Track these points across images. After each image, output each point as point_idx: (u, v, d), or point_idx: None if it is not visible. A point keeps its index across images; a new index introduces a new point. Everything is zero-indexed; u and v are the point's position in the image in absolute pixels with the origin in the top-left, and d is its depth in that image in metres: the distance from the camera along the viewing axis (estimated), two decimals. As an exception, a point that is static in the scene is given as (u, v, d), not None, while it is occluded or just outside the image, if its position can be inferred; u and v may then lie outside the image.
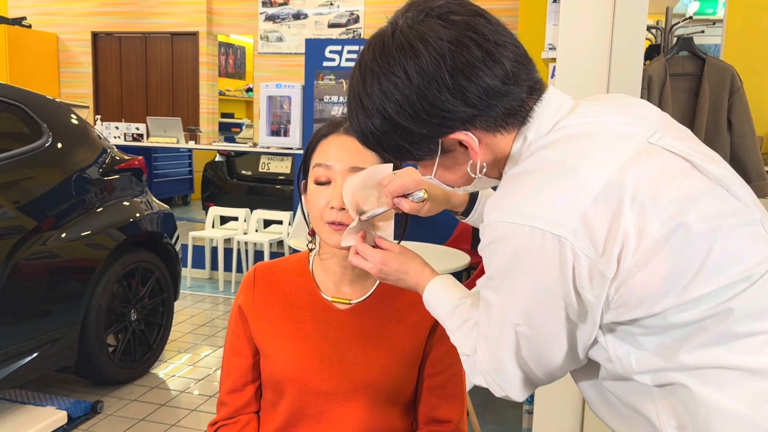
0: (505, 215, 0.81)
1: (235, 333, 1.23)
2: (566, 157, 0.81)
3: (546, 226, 0.77)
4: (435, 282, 1.04)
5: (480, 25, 0.83)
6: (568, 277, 0.78)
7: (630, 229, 0.77)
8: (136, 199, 3.33)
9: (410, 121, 0.85)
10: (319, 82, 4.82)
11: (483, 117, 0.84)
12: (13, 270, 2.55)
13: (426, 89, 0.82)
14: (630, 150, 0.82)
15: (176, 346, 3.89)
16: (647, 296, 0.78)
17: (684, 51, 2.65)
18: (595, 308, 0.81)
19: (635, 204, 0.77)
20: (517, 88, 0.85)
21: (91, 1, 8.95)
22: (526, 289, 0.82)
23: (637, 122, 0.87)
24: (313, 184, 1.13)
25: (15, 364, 2.61)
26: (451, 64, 0.81)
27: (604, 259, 0.77)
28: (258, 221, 5.38)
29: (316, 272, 1.23)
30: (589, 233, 0.77)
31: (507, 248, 0.81)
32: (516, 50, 0.85)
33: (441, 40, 0.82)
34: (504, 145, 0.88)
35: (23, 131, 2.83)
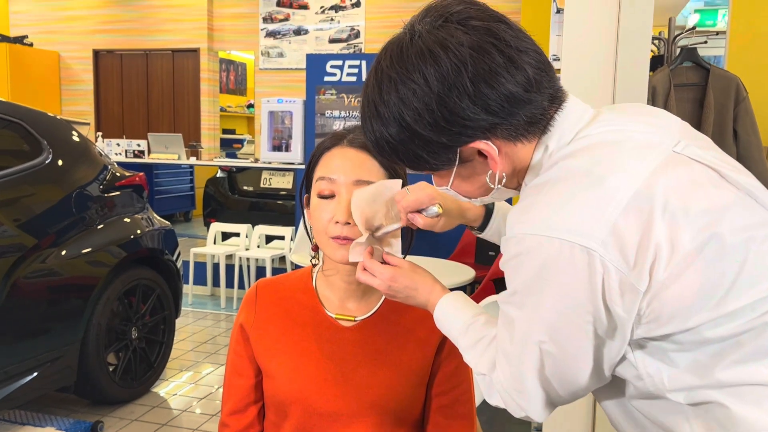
0: (530, 227, 0.79)
1: (236, 352, 1.20)
2: (592, 166, 0.79)
3: (574, 238, 0.75)
4: (446, 299, 1.00)
5: (501, 30, 0.81)
6: (597, 292, 0.76)
7: (662, 240, 0.74)
8: (137, 216, 3.30)
9: (429, 130, 0.82)
10: (320, 96, 4.81)
11: (504, 125, 0.82)
12: (12, 288, 2.52)
13: (446, 96, 0.80)
14: (657, 159, 0.80)
15: (178, 364, 3.85)
16: (680, 310, 0.76)
17: (688, 61, 2.63)
18: (625, 323, 0.78)
19: (666, 214, 0.75)
20: (539, 95, 0.83)
21: (93, 19, 8.99)
22: (552, 305, 0.79)
23: (660, 131, 0.85)
24: (316, 197, 1.10)
25: (14, 384, 2.57)
26: (472, 70, 0.79)
27: (635, 272, 0.74)
28: (260, 237, 5.36)
29: (319, 288, 1.20)
30: (619, 245, 0.74)
31: (533, 262, 0.78)
32: (538, 57, 0.83)
33: (462, 46, 0.79)
34: (524, 155, 0.86)
35: (23, 148, 2.81)
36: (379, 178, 1.09)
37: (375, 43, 7.99)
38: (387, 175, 1.10)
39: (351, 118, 4.76)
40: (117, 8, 8.88)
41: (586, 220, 0.75)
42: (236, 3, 8.52)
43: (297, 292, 1.20)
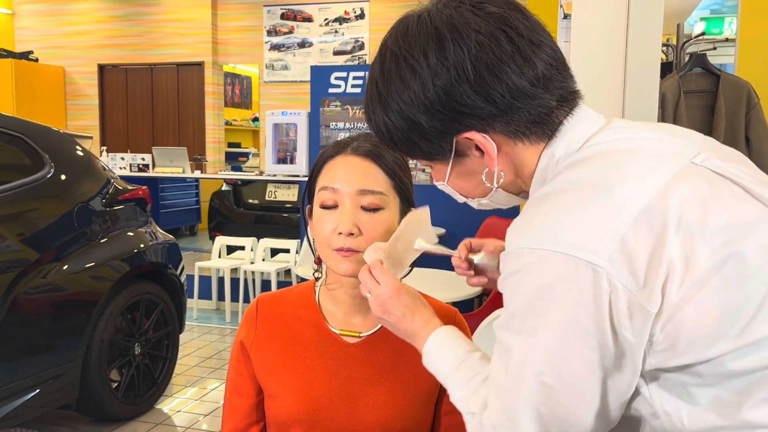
0: (530, 241, 0.71)
1: (237, 370, 1.15)
2: (600, 176, 0.73)
3: (579, 253, 0.68)
4: (443, 331, 0.91)
5: (516, 19, 0.76)
6: (603, 313, 0.68)
7: (675, 256, 0.67)
8: (141, 230, 3.27)
9: (424, 112, 0.78)
10: (324, 108, 4.79)
11: (503, 119, 0.77)
12: (12, 304, 2.49)
13: (445, 78, 0.75)
14: (672, 169, 0.72)
15: (182, 379, 3.79)
16: (699, 338, 0.68)
17: (697, 68, 2.59)
18: (635, 351, 0.70)
19: (681, 229, 0.68)
20: (547, 93, 0.77)
21: (98, 34, 9.03)
22: (553, 329, 0.70)
23: (678, 141, 0.79)
24: (318, 208, 1.06)
25: (15, 401, 2.53)
26: (476, 55, 0.74)
27: (645, 292, 0.67)
28: (265, 250, 5.32)
29: (323, 303, 1.15)
30: (627, 262, 0.67)
31: (533, 279, 0.71)
32: (552, 53, 0.78)
33: (470, 29, 0.75)
34: (526, 158, 0.81)
35: (25, 162, 2.78)
36: (384, 188, 1.04)
37: (379, 54, 7.99)
38: (392, 185, 1.06)
39: (356, 130, 4.73)
40: (122, 23, 8.92)
41: (591, 234, 0.68)
42: (240, 16, 8.55)
43: (299, 308, 1.15)
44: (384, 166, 1.06)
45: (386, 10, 8.01)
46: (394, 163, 1.07)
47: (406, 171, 1.10)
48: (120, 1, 8.89)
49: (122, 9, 8.90)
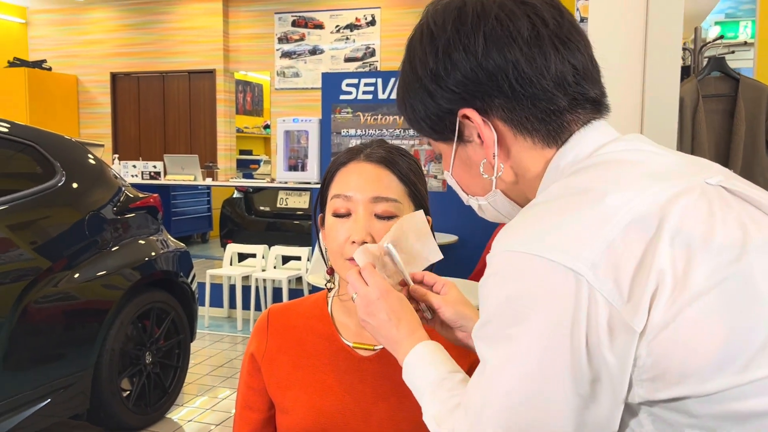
0: (512, 244, 0.65)
1: (247, 384, 1.12)
2: (596, 183, 0.67)
3: (559, 258, 0.61)
4: (428, 345, 0.85)
5: (546, 11, 0.73)
6: (580, 329, 0.60)
7: (666, 267, 0.59)
8: (152, 238, 3.26)
9: (431, 81, 0.75)
10: (336, 115, 4.77)
11: (505, 103, 0.73)
12: (23, 313, 2.48)
13: (453, 44, 0.73)
14: (679, 185, 0.65)
15: (194, 388, 3.77)
16: (695, 368, 0.59)
17: (716, 71, 2.54)
18: (616, 376, 0.61)
19: (677, 239, 0.60)
20: (557, 90, 0.72)
21: (110, 42, 9.09)
22: (527, 343, 0.63)
23: (693, 162, 0.73)
24: (331, 216, 1.02)
25: (26, 411, 2.51)
26: (491, 29, 0.72)
27: (629, 306, 0.59)
28: (276, 257, 5.30)
29: (335, 315, 1.11)
30: (612, 271, 0.60)
31: (509, 284, 0.64)
32: (579, 58, 0.73)
33: (494, 4, 0.73)
34: (529, 160, 0.76)
35: (36, 171, 2.78)
36: (398, 195, 1.01)
37: (390, 61, 7.98)
38: (407, 192, 1.03)
39: (367, 137, 4.71)
40: (134, 32, 8.98)
41: (576, 239, 0.62)
42: (251, 24, 8.58)
43: (311, 319, 1.12)
44: (398, 172, 1.02)
45: (397, 16, 8.00)
46: (409, 170, 1.04)
47: (420, 178, 1.07)
48: (132, 10, 8.95)
49: (134, 18, 8.95)
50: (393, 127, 4.65)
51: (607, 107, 0.78)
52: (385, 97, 4.66)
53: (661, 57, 1.83)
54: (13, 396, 2.45)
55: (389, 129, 4.66)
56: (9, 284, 2.45)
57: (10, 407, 2.45)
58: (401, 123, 4.63)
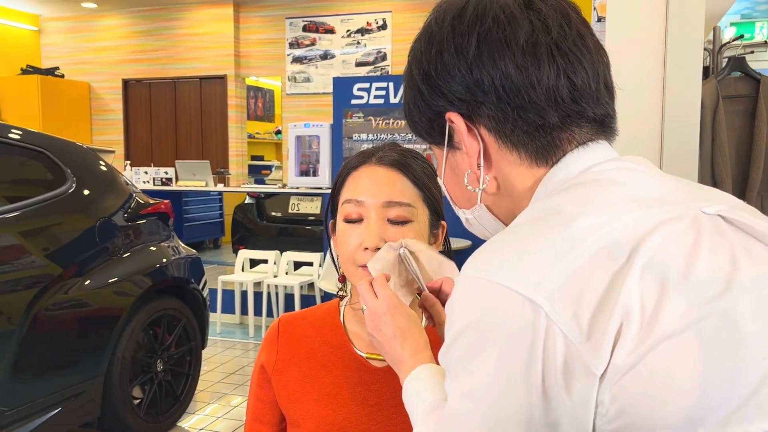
0: (475, 269, 0.60)
1: (258, 396, 1.08)
2: (569, 204, 0.61)
3: (518, 287, 0.55)
4: (431, 368, 0.81)
5: (552, 19, 0.66)
6: (536, 364, 0.54)
7: (633, 301, 0.53)
8: (163, 244, 3.24)
9: (422, 80, 0.72)
10: (347, 120, 4.75)
11: (491, 112, 0.67)
12: (34, 320, 2.46)
13: (446, 43, 0.68)
14: (667, 213, 0.58)
15: (205, 396, 3.74)
16: (664, 422, 0.52)
17: (736, 72, 2.48)
18: (574, 420, 0.54)
19: (649, 271, 0.54)
20: (548, 105, 0.66)
21: (122, 49, 9.14)
22: (482, 376, 0.57)
23: (698, 189, 0.66)
24: (342, 222, 0.99)
25: (37, 419, 2.50)
26: (486, 30, 0.66)
27: (589, 345, 0.52)
28: (288, 263, 5.27)
29: (348, 324, 1.07)
30: (572, 303, 0.53)
31: (469, 312, 0.59)
32: (582, 73, 0.66)
33: (495, 5, 0.67)
34: (516, 177, 0.69)
35: (47, 177, 2.77)
36: (411, 199, 0.97)
37: (402, 65, 7.94)
38: (421, 196, 0.99)
39: (379, 141, 4.68)
40: (145, 38, 9.02)
41: (537, 266, 0.56)
42: (262, 29, 8.59)
43: (323, 329, 1.08)
44: (411, 176, 0.98)
45: (409, 20, 7.97)
46: (422, 173, 1.00)
47: (434, 181, 1.03)
48: (143, 17, 8.99)
49: (146, 24, 8.99)
50: (405, 132, 4.61)
51: (612, 130, 0.70)
52: (397, 101, 4.63)
53: (682, 57, 1.78)
54: (24, 404, 2.44)
55: (401, 133, 4.62)
56: (20, 291, 2.43)
57: (20, 416, 2.43)
58: (413, 127, 4.60)
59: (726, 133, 2.42)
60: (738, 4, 6.28)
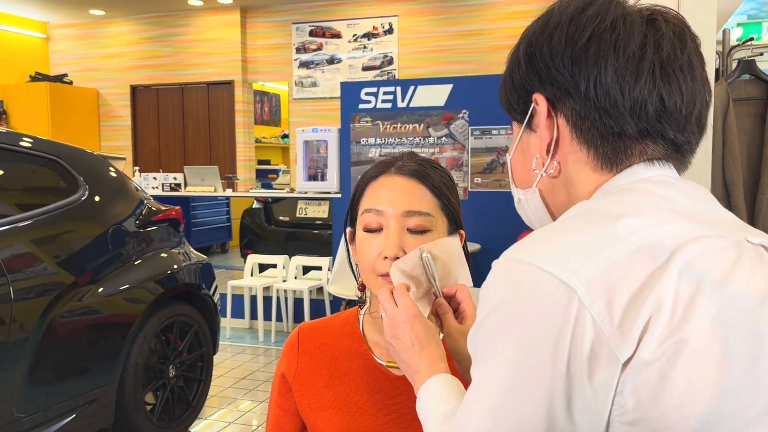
0: (514, 253, 0.63)
1: (278, 404, 1.09)
2: (616, 207, 0.63)
3: (556, 271, 0.57)
4: (446, 377, 0.83)
5: (668, 39, 0.67)
6: (564, 345, 0.55)
7: (666, 296, 0.54)
8: (174, 251, 3.25)
9: (525, 48, 0.74)
10: (355, 124, 4.76)
11: (576, 104, 0.69)
12: (48, 328, 2.47)
13: (560, 28, 0.70)
14: (712, 231, 0.60)
15: (216, 401, 3.76)
16: (679, 422, 0.53)
17: (746, 74, 2.48)
18: (593, 413, 0.56)
19: (687, 273, 0.55)
20: (630, 116, 0.67)
21: (130, 56, 9.18)
22: (510, 352, 0.59)
23: (743, 225, 0.67)
24: (362, 232, 1.00)
25: (52, 426, 2.51)
26: (601, 29, 0.68)
27: (618, 333, 0.54)
28: (297, 268, 5.29)
29: (367, 333, 1.08)
30: (607, 291, 0.55)
31: (503, 290, 0.61)
32: (677, 96, 0.67)
33: (619, 10, 0.69)
34: (579, 172, 0.72)
35: (60, 185, 2.79)
36: (431, 209, 0.98)
37: (409, 69, 7.97)
38: (440, 205, 1.00)
39: (387, 145, 4.68)
40: (153, 44, 9.06)
41: (578, 255, 0.58)
42: (269, 35, 8.61)
43: (343, 337, 1.09)
44: (430, 185, 1.00)
45: (415, 24, 7.99)
46: (441, 183, 1.01)
47: (453, 191, 1.04)
48: (151, 23, 9.04)
49: (153, 31, 9.04)
50: (413, 136, 4.62)
51: (685, 160, 0.72)
52: (404, 105, 4.64)
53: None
54: (39, 411, 2.45)
55: (409, 137, 4.63)
56: (35, 299, 2.45)
57: (36, 422, 2.44)
58: (421, 131, 4.60)
59: (736, 135, 2.42)
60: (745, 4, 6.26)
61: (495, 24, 7.64)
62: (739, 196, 2.41)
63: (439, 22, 7.89)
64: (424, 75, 7.61)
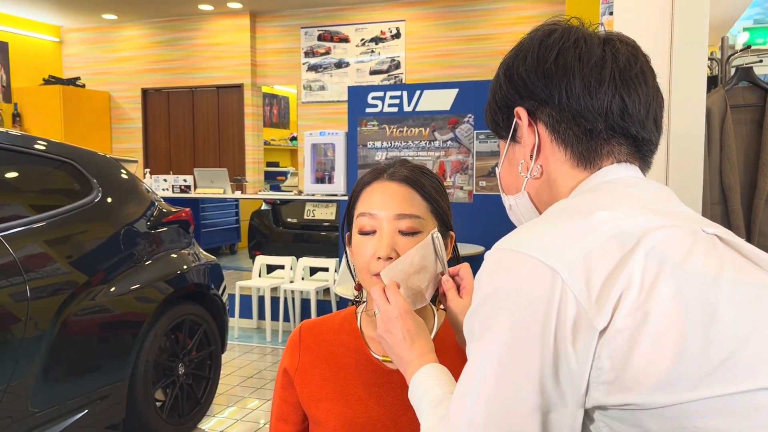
0: (504, 243, 0.72)
1: (281, 397, 1.16)
2: (591, 203, 0.74)
3: (541, 256, 0.67)
4: (435, 367, 0.90)
5: (623, 53, 0.80)
6: (550, 321, 0.65)
7: (635, 275, 0.64)
8: (184, 251, 3.33)
9: (503, 69, 0.86)
10: (362, 128, 4.82)
11: (552, 112, 0.81)
12: (63, 325, 2.55)
13: (532, 51, 0.82)
14: (671, 222, 0.71)
15: (224, 399, 3.83)
16: (647, 378, 0.63)
17: (744, 81, 2.52)
18: (575, 372, 0.65)
19: (652, 255, 0.65)
20: (599, 116, 0.79)
21: (141, 59, 9.30)
22: (503, 328, 0.68)
23: (701, 218, 0.78)
24: (357, 234, 1.06)
25: (65, 421, 2.58)
26: (565, 48, 0.80)
27: (595, 307, 0.64)
28: (304, 269, 5.36)
29: (364, 329, 1.15)
30: (585, 274, 0.65)
31: (495, 276, 0.70)
32: (636, 100, 0.79)
33: (579, 33, 0.82)
34: (558, 173, 0.83)
35: (74, 187, 2.87)
36: (421, 212, 1.05)
37: (416, 73, 8.03)
38: (429, 208, 1.06)
39: (393, 149, 4.74)
40: (164, 48, 9.17)
41: (560, 243, 0.68)
42: (278, 39, 8.70)
43: (342, 334, 1.16)
44: (421, 190, 1.06)
45: (422, 29, 8.05)
46: (431, 187, 1.08)
47: (442, 195, 1.10)
48: (162, 28, 9.15)
49: (164, 35, 9.15)
50: (419, 139, 4.68)
51: (647, 159, 0.83)
52: (411, 109, 4.70)
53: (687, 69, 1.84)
54: (53, 406, 2.53)
55: (415, 141, 4.69)
56: (49, 297, 2.53)
57: (50, 417, 2.52)
58: (427, 135, 4.66)
59: (734, 141, 2.47)
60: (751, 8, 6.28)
61: (501, 29, 7.69)
62: (736, 200, 2.45)
63: (445, 27, 7.95)
64: (430, 79, 7.67)
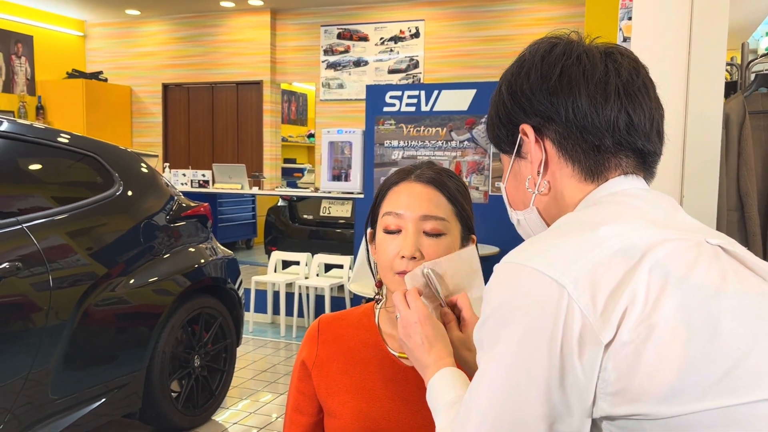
0: (512, 257, 0.74)
1: (298, 389, 1.19)
2: (594, 218, 0.75)
3: (547, 270, 0.68)
4: (453, 370, 0.93)
5: (624, 68, 0.81)
6: (557, 334, 0.66)
7: (639, 289, 0.65)
8: (202, 245, 3.37)
9: (506, 87, 0.86)
10: (379, 127, 4.85)
11: (559, 129, 0.81)
12: (84, 315, 2.61)
13: (535, 68, 0.83)
14: (674, 235, 0.71)
15: (238, 392, 3.88)
16: (653, 389, 0.64)
17: (763, 88, 2.52)
18: (582, 384, 0.66)
19: (656, 269, 0.67)
20: (606, 131, 0.80)
21: (163, 54, 9.39)
22: (511, 340, 0.69)
23: (705, 228, 0.78)
24: (382, 233, 1.09)
25: (83, 409, 2.64)
26: (570, 65, 0.81)
27: (601, 320, 0.65)
28: (319, 265, 5.40)
29: (382, 325, 1.18)
30: (591, 288, 0.66)
31: (504, 290, 0.72)
32: (641, 114, 0.80)
33: (581, 47, 0.82)
34: (565, 188, 0.83)
35: (97, 180, 2.92)
36: (445, 214, 1.07)
37: (434, 73, 8.04)
38: (454, 211, 1.09)
39: (410, 148, 4.77)
40: (185, 44, 9.25)
41: (566, 258, 0.69)
42: (298, 36, 8.75)
43: (359, 329, 1.18)
44: (446, 193, 1.08)
45: (441, 29, 8.06)
46: (456, 191, 1.10)
47: (467, 198, 1.13)
48: (184, 24, 9.23)
49: (186, 31, 9.23)
50: (436, 139, 4.70)
51: (651, 170, 0.84)
52: (428, 109, 4.71)
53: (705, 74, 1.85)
54: (72, 394, 2.58)
55: (432, 141, 4.71)
56: (71, 287, 2.58)
57: (69, 404, 2.58)
58: (443, 135, 4.68)
59: (752, 147, 2.46)
60: (774, 14, 6.21)
61: (519, 30, 7.68)
62: (753, 207, 2.45)
63: (464, 27, 7.95)
64: (448, 79, 7.68)
